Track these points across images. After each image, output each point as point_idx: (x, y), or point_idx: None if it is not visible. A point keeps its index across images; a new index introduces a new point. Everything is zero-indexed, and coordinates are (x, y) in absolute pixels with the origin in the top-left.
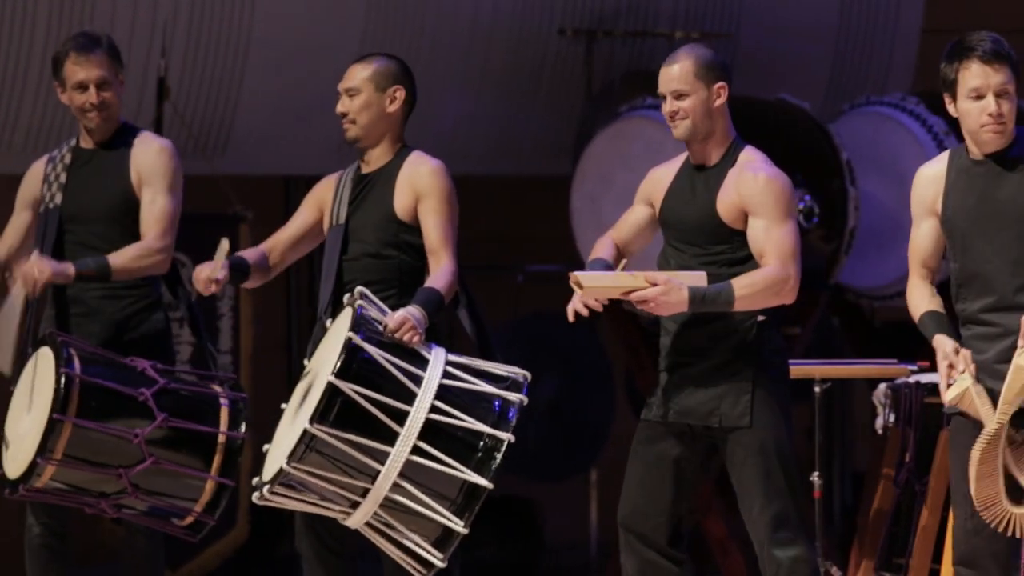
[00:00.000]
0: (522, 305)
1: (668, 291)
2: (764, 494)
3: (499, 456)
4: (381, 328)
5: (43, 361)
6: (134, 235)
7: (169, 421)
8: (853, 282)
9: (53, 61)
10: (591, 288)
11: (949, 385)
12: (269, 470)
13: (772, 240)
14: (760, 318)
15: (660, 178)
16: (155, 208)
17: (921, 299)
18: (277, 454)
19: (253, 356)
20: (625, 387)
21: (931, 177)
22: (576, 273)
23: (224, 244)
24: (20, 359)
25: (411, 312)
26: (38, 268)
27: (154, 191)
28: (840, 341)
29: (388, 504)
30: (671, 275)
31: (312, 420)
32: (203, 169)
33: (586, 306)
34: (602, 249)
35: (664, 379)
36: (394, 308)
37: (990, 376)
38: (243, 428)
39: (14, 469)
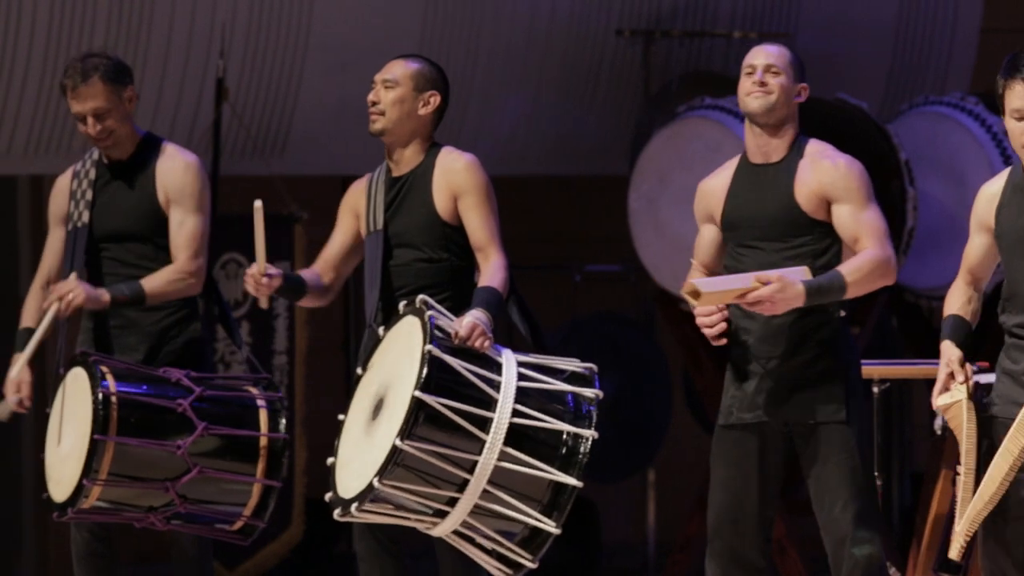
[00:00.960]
0: (579, 305)
1: (784, 287)
2: (849, 491)
3: (584, 454)
4: (451, 335)
5: (76, 381)
6: (167, 250)
7: (210, 429)
8: (912, 282)
9: (60, 89)
10: (708, 295)
11: (944, 392)
12: (351, 487)
13: (864, 224)
14: (841, 314)
15: (713, 189)
16: (184, 230)
17: (954, 301)
18: (357, 470)
19: (308, 356)
20: (683, 387)
21: (989, 195)
22: (694, 281)
23: (257, 205)
24: (38, 377)
25: (479, 317)
26: (73, 291)
27: (183, 211)
28: (899, 341)
29: (477, 511)
30: (782, 272)
31: (401, 436)
32: (261, 170)
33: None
34: (696, 276)
35: (752, 380)
36: (451, 311)
37: (1020, 386)
38: (283, 427)
39: (60, 492)
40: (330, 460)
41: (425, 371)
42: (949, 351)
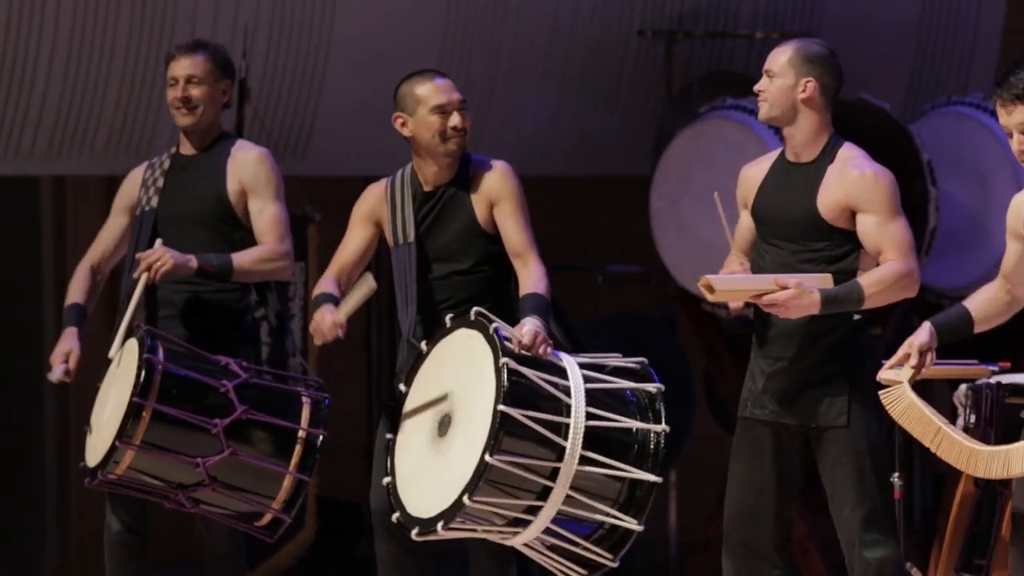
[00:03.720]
0: (601, 306)
1: (800, 294)
2: (856, 494)
3: (660, 448)
4: (514, 345)
5: (128, 352)
6: (225, 239)
7: (249, 414)
8: (934, 283)
9: (166, 58)
10: (722, 292)
11: (897, 367)
12: (429, 506)
13: (888, 236)
14: (856, 317)
15: (751, 176)
16: (266, 215)
17: (976, 295)
18: (433, 489)
19: (321, 358)
20: (704, 388)
21: (1019, 202)
22: (708, 277)
23: (370, 281)
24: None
25: (537, 325)
26: (161, 258)
27: (261, 200)
28: None
29: (559, 515)
30: (801, 278)
31: (490, 452)
32: (283, 171)
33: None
34: (732, 265)
35: (760, 379)
36: None
37: None
38: (323, 427)
39: (94, 457)
40: (386, 480)
41: (506, 385)
42: (922, 334)
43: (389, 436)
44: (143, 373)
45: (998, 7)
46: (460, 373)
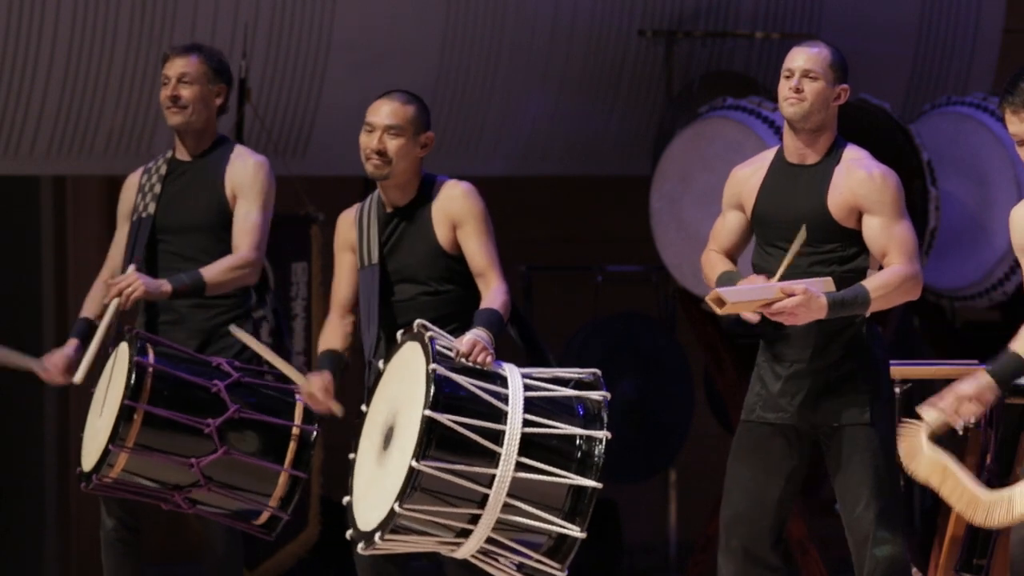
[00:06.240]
0: (601, 305)
1: (808, 300)
2: (871, 491)
3: (600, 455)
4: (453, 355)
5: (119, 356)
6: (227, 244)
7: (242, 412)
8: (934, 282)
9: (161, 61)
10: (733, 304)
11: (939, 412)
12: (371, 518)
13: (894, 238)
14: (866, 314)
15: (747, 178)
16: (248, 221)
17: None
18: (374, 501)
19: None
20: (704, 387)
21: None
22: (719, 290)
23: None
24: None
25: (478, 334)
26: (132, 284)
27: (248, 204)
28: (920, 342)
29: (500, 525)
30: (806, 284)
31: (417, 458)
32: (283, 171)
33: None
34: (721, 264)
35: (776, 382)
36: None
37: None
38: (316, 423)
39: (88, 461)
40: (346, 499)
41: (432, 390)
42: (981, 384)
43: (352, 456)
44: (133, 376)
45: (998, 7)
46: (403, 386)
